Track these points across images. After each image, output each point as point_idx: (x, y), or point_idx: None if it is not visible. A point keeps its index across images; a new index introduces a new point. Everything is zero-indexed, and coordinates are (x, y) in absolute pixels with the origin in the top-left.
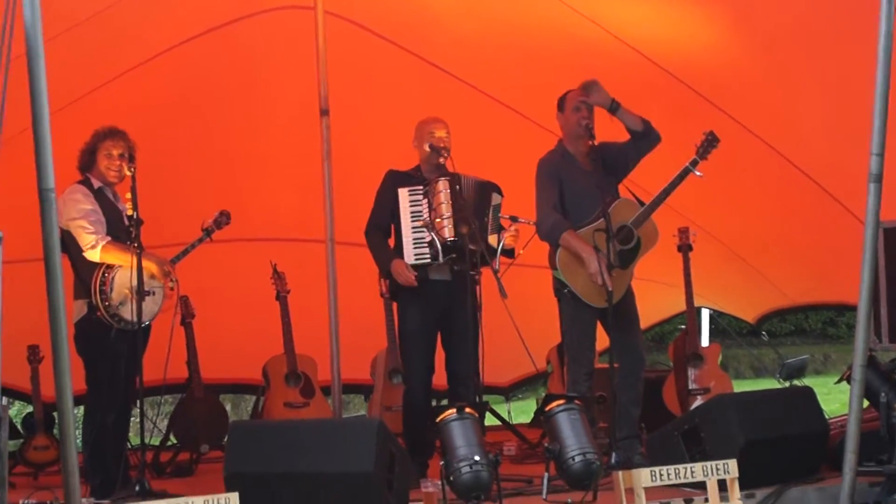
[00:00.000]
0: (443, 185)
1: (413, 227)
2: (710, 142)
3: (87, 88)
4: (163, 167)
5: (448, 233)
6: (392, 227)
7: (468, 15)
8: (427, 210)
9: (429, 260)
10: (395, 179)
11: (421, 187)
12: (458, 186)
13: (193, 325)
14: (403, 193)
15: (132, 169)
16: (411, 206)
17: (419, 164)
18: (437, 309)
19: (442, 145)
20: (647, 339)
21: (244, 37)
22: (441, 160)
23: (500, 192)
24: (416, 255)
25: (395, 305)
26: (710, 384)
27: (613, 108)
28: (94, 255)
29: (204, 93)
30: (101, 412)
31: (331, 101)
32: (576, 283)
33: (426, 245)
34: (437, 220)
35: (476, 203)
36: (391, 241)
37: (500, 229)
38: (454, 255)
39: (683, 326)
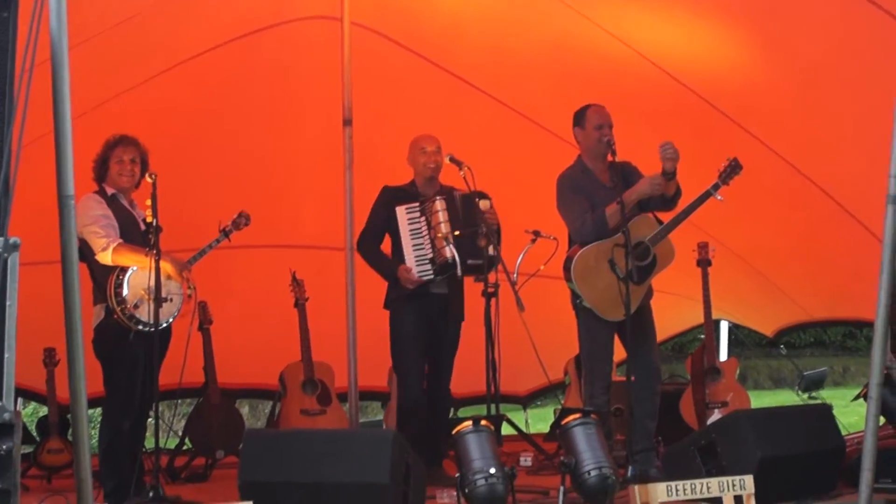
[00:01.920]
0: (440, 205)
1: (414, 245)
2: (734, 167)
3: (112, 93)
4: (186, 173)
5: (449, 253)
6: (383, 239)
7: (494, 28)
8: (426, 228)
9: (432, 276)
10: (390, 195)
11: (417, 204)
12: (454, 202)
13: (211, 330)
14: (401, 212)
15: (153, 176)
16: (410, 223)
17: (413, 179)
18: (430, 318)
19: (433, 164)
20: (666, 349)
21: (271, 45)
22: (462, 169)
23: (486, 197)
24: (419, 272)
25: None
26: (727, 398)
27: (671, 175)
28: (105, 258)
29: (229, 100)
30: (118, 417)
31: (354, 112)
32: (590, 295)
33: (428, 262)
34: (437, 238)
35: (467, 215)
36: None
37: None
38: (454, 273)
39: (703, 336)
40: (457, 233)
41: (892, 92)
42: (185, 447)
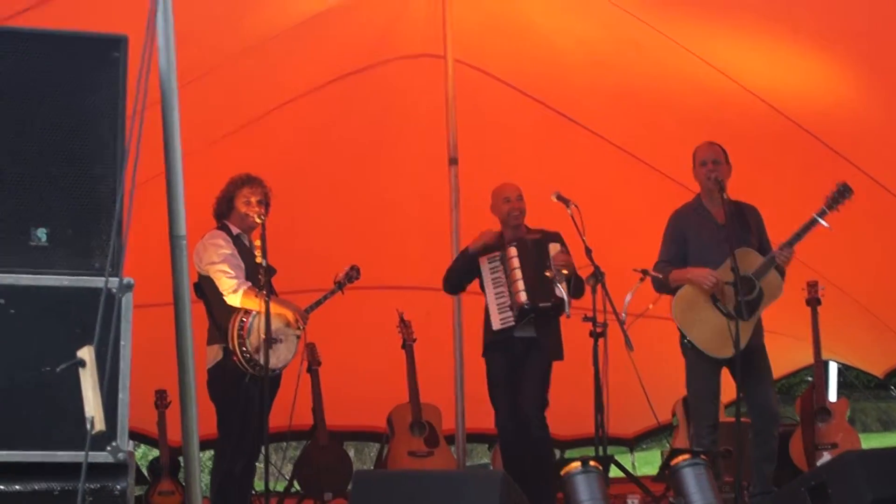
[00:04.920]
0: (513, 252)
1: (496, 293)
2: (842, 192)
3: (220, 134)
4: (293, 213)
5: (523, 297)
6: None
7: (596, 64)
8: (504, 277)
9: (513, 323)
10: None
11: (498, 254)
12: (526, 248)
13: (319, 372)
14: (484, 263)
15: (262, 217)
16: (491, 272)
17: (501, 230)
18: (518, 360)
19: (517, 212)
20: None
21: (375, 84)
22: (569, 207)
23: (558, 240)
24: (501, 319)
25: None
26: (837, 439)
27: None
28: (234, 300)
29: (334, 139)
30: (230, 459)
31: (459, 150)
32: (693, 333)
33: (508, 309)
34: (513, 284)
35: (539, 260)
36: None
37: (564, 277)
38: (532, 316)
39: (811, 379)
40: (548, 273)
41: None
42: (293, 489)
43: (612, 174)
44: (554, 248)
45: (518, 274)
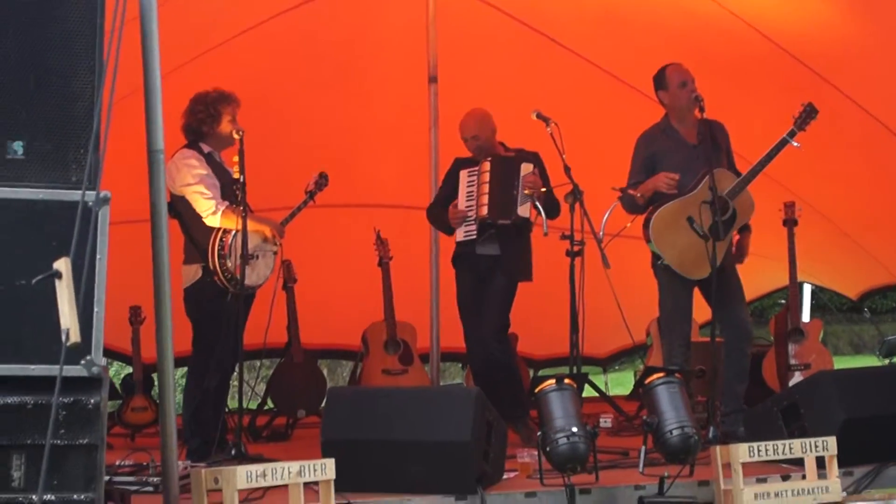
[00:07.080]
0: (486, 167)
1: (467, 206)
2: (809, 112)
3: (197, 52)
4: (270, 131)
5: (484, 211)
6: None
7: None
8: (476, 190)
9: (474, 236)
10: (459, 165)
11: (477, 167)
12: (497, 165)
13: (295, 289)
14: (463, 175)
15: (240, 133)
16: (467, 185)
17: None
18: (481, 278)
19: (473, 149)
20: None
21: (356, 2)
22: (549, 126)
23: (534, 160)
24: (465, 231)
25: None
26: (810, 360)
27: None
28: (214, 221)
29: (313, 58)
30: (206, 376)
31: (439, 69)
32: (670, 254)
33: (473, 222)
34: (479, 198)
35: (506, 177)
36: None
37: (529, 198)
38: (493, 232)
39: (784, 301)
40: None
41: None
42: (266, 407)
43: (594, 94)
44: (526, 168)
45: (486, 188)
